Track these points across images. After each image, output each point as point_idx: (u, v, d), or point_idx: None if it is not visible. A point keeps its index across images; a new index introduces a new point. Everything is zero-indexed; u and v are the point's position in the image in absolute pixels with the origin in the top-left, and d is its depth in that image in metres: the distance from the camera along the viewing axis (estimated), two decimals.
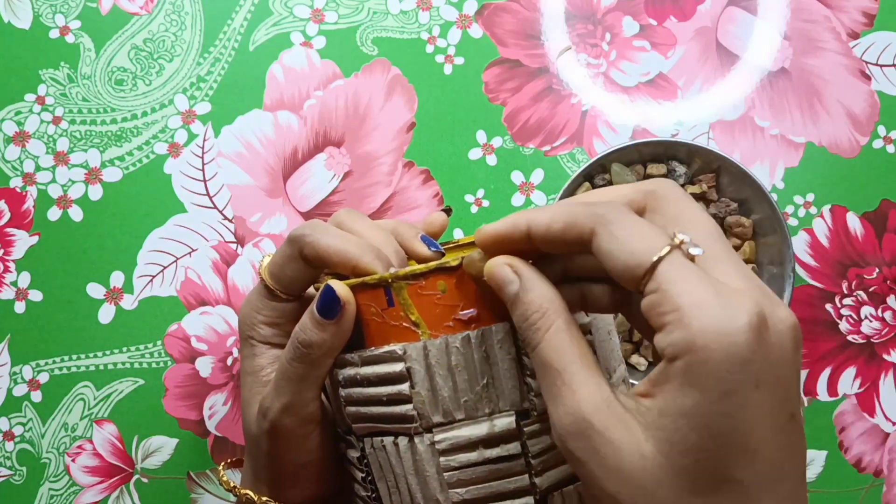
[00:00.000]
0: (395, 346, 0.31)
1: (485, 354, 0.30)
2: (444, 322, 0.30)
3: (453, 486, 0.30)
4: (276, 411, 0.33)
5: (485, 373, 0.30)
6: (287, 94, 0.53)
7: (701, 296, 0.24)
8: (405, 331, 0.31)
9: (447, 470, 0.30)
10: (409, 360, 0.30)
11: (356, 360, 0.32)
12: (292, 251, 0.34)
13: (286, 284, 0.35)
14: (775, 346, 0.24)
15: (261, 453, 0.35)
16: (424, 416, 0.31)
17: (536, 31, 0.53)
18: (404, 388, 0.31)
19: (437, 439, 0.30)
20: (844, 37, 0.53)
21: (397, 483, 0.32)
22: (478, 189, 0.52)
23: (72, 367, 0.51)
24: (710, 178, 0.49)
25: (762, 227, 0.48)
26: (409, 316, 0.31)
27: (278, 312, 0.36)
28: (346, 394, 0.33)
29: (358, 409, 0.32)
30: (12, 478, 0.50)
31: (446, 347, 0.30)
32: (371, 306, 0.31)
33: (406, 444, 0.31)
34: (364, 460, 0.33)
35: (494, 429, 0.30)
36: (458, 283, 0.30)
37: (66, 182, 0.52)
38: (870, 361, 0.51)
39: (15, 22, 0.53)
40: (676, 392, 0.24)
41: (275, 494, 0.36)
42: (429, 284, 0.30)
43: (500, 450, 0.30)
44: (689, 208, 0.28)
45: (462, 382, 0.30)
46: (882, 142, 0.52)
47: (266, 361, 0.36)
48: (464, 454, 0.30)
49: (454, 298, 0.30)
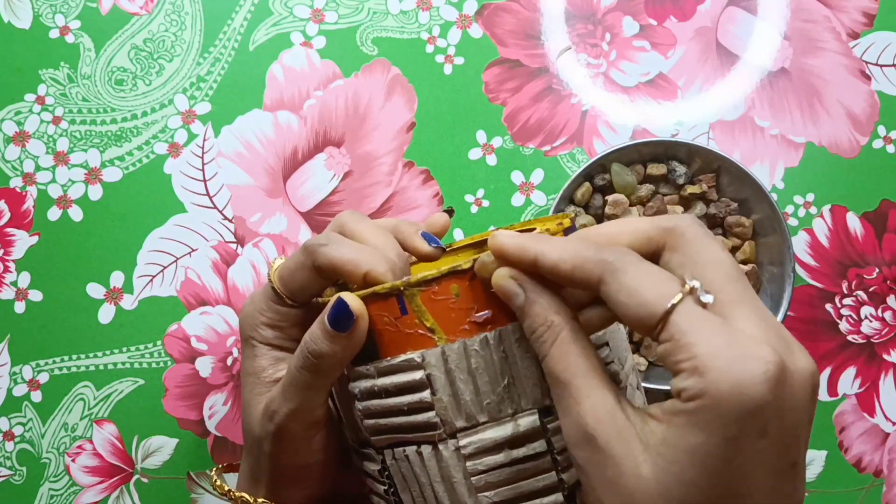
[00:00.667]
0: (412, 354, 0.30)
1: (503, 355, 0.30)
2: (460, 326, 0.30)
3: (482, 489, 0.30)
4: (284, 416, 0.33)
5: (505, 373, 0.30)
6: (287, 94, 0.53)
7: (716, 345, 0.24)
8: (421, 338, 0.30)
9: (474, 474, 0.30)
10: (429, 367, 0.30)
11: (372, 371, 0.32)
12: (305, 260, 0.34)
13: (294, 291, 0.35)
14: (789, 395, 0.24)
15: (262, 454, 0.35)
16: (448, 421, 0.30)
17: (536, 31, 0.53)
18: (426, 396, 0.30)
19: (463, 444, 0.30)
20: (844, 37, 0.53)
21: (423, 492, 0.32)
22: (478, 189, 0.52)
23: (72, 367, 0.51)
24: (710, 178, 0.49)
25: (762, 227, 0.48)
26: (423, 322, 0.30)
27: (282, 316, 0.36)
28: (363, 406, 0.32)
29: (377, 422, 0.32)
30: (12, 478, 0.50)
31: (465, 351, 0.30)
32: (384, 316, 0.31)
33: (430, 452, 0.31)
34: (385, 472, 0.33)
35: (519, 428, 0.30)
36: (471, 286, 0.30)
37: (66, 182, 0.52)
38: (870, 361, 0.51)
39: (15, 22, 0.53)
40: (684, 428, 0.24)
41: (273, 495, 0.36)
42: (442, 289, 0.30)
43: (525, 449, 0.30)
44: (709, 248, 0.27)
45: (483, 385, 0.30)
46: (882, 142, 0.52)
47: (267, 362, 0.36)
48: (490, 456, 0.30)
49: (468, 301, 0.30)
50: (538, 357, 0.28)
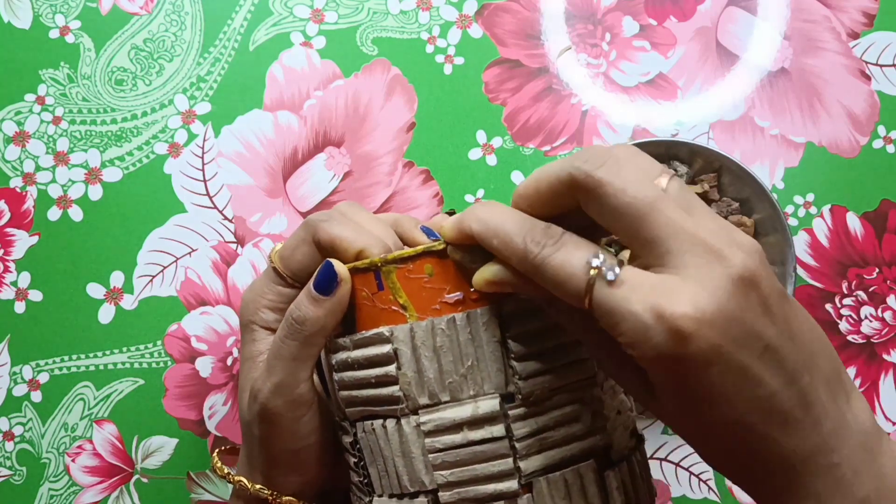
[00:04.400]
0: (382, 329, 0.31)
1: (469, 337, 0.30)
2: (432, 305, 0.31)
3: (438, 467, 0.31)
4: (267, 392, 0.34)
5: (469, 355, 0.30)
6: (287, 94, 0.53)
7: (642, 319, 0.25)
8: (394, 314, 0.31)
9: (432, 451, 0.31)
10: (396, 341, 0.31)
11: (348, 343, 0.32)
12: (306, 234, 0.34)
13: (294, 269, 0.35)
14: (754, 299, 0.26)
15: (253, 439, 0.35)
16: (411, 397, 0.31)
17: (536, 31, 0.53)
18: (391, 370, 0.31)
19: (423, 420, 0.31)
20: (844, 37, 0.53)
21: (386, 466, 0.32)
22: (478, 189, 0.52)
23: (72, 367, 0.51)
24: (711, 178, 0.49)
25: (763, 227, 0.48)
26: (397, 299, 0.31)
27: (283, 297, 0.36)
28: (339, 378, 0.33)
29: (350, 393, 0.33)
30: (12, 478, 0.50)
31: (432, 329, 0.30)
32: (363, 290, 0.32)
33: (394, 426, 0.31)
34: (356, 445, 0.33)
35: (478, 411, 0.30)
36: (445, 267, 0.31)
37: (66, 182, 0.52)
38: (870, 361, 0.51)
39: (15, 22, 0.53)
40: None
41: (268, 481, 0.36)
42: (416, 268, 0.31)
43: (483, 432, 0.30)
44: (616, 193, 0.26)
45: (447, 364, 0.30)
46: (882, 142, 0.52)
47: (264, 347, 0.36)
48: (448, 436, 0.31)
49: (441, 282, 0.31)
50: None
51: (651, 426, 0.51)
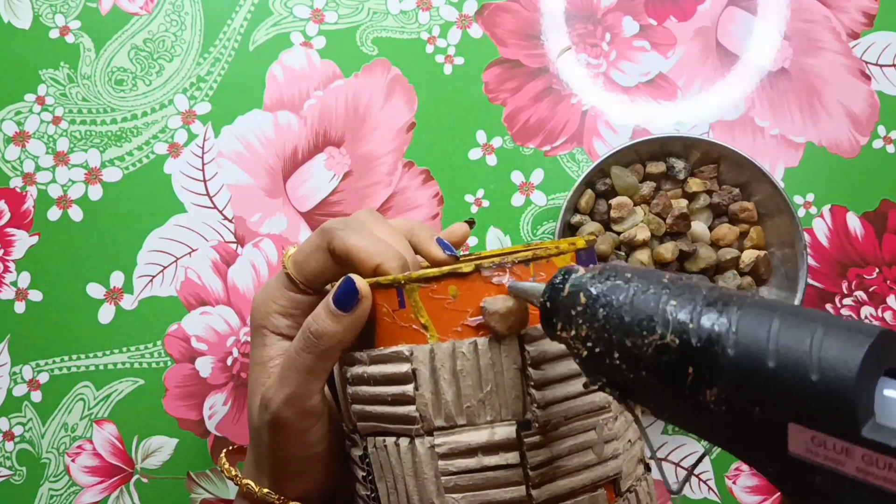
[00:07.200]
0: (402, 347, 0.31)
1: (490, 362, 0.30)
2: (453, 327, 0.30)
3: (450, 490, 0.30)
4: (279, 403, 0.33)
5: (489, 380, 0.30)
6: (287, 94, 0.53)
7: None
8: (414, 333, 0.31)
9: (445, 474, 0.30)
10: (415, 361, 0.31)
11: (365, 358, 0.32)
12: (321, 241, 0.34)
13: (308, 276, 0.35)
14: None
15: (262, 444, 0.35)
16: (426, 418, 0.31)
17: (536, 31, 0.53)
18: (408, 389, 0.31)
19: (438, 443, 0.31)
20: (844, 37, 0.53)
21: (396, 484, 0.32)
22: (478, 189, 0.52)
23: (72, 367, 0.51)
24: (711, 169, 0.49)
25: (766, 208, 0.48)
26: (418, 318, 0.31)
27: (295, 303, 0.36)
28: (352, 391, 0.33)
29: (363, 408, 0.32)
30: (12, 478, 0.50)
31: (453, 352, 0.30)
32: (383, 306, 0.32)
33: (407, 446, 0.31)
34: (366, 459, 0.33)
35: (494, 437, 0.30)
36: (470, 290, 0.30)
37: (66, 182, 0.52)
38: None
39: (15, 22, 0.53)
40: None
41: (275, 486, 0.36)
42: (440, 288, 0.30)
43: (498, 458, 0.30)
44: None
45: (466, 388, 0.30)
46: (882, 142, 0.52)
47: (275, 352, 0.36)
48: (462, 459, 0.30)
49: (464, 304, 0.30)
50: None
51: (651, 426, 0.51)
